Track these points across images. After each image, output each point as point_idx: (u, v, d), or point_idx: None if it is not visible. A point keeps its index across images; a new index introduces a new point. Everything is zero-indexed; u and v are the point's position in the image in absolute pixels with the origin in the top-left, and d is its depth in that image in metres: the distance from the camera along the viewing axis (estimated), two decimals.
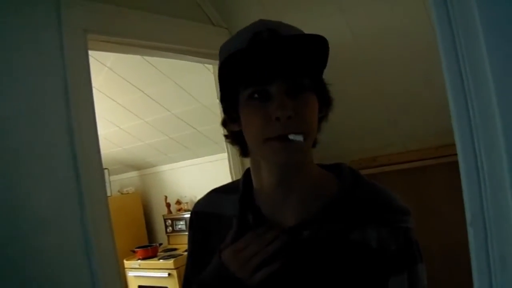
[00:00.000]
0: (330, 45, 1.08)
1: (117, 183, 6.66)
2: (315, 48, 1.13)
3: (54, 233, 1.86)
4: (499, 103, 0.65)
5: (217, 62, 2.86)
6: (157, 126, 5.05)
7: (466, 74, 0.70)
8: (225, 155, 3.16)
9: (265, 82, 1.12)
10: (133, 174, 6.77)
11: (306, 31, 1.13)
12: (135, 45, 2.52)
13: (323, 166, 1.40)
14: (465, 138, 0.71)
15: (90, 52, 2.23)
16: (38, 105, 1.92)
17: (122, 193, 6.54)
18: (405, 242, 1.24)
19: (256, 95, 1.13)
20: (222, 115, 1.28)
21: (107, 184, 6.07)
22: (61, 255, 1.87)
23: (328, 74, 1.29)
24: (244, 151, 1.29)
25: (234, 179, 3.06)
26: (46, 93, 1.95)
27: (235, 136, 1.26)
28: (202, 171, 5.67)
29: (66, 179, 1.95)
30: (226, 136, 1.30)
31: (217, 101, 3.10)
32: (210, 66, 3.25)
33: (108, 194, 6.03)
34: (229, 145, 2.77)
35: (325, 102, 1.26)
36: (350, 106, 3.21)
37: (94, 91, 2.20)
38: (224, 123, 1.28)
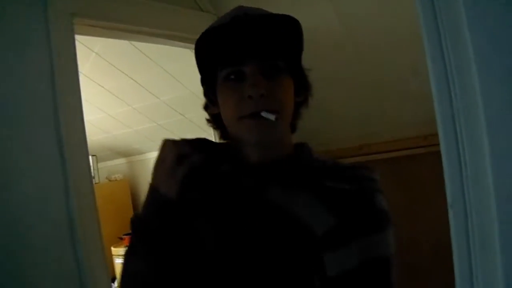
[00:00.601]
0: (317, 32, 1.09)
1: (105, 170, 6.65)
2: (290, 31, 1.17)
3: (39, 220, 1.85)
4: (481, 89, 0.65)
5: None
6: (145, 113, 5.04)
7: (450, 62, 0.70)
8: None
9: (240, 63, 1.14)
10: (121, 161, 6.75)
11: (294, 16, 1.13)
12: (122, 30, 2.50)
13: None
14: (446, 121, 0.71)
15: (78, 38, 2.21)
16: (23, 89, 1.90)
17: (110, 180, 6.53)
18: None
19: (232, 76, 1.15)
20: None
21: (95, 171, 6.07)
22: (46, 242, 1.86)
23: (315, 61, 1.30)
24: (224, 135, 1.30)
25: None
26: (31, 77, 1.93)
27: (215, 119, 1.28)
28: None
29: (52, 165, 1.94)
30: (208, 120, 1.32)
31: (203, 87, 3.11)
32: None
33: (96, 181, 6.04)
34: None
35: (303, 86, 1.29)
36: (337, 93, 3.22)
37: (82, 76, 2.18)
38: (206, 107, 1.30)
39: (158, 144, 1.42)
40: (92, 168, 5.79)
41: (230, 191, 1.20)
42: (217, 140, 1.34)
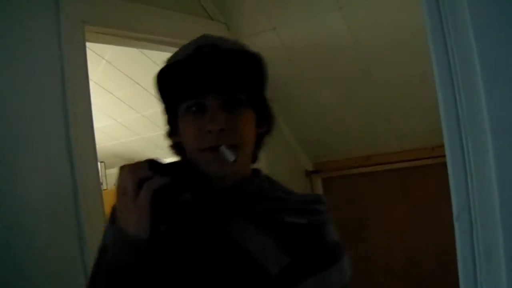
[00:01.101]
0: (326, 43, 1.08)
1: (113, 176, 6.64)
2: (251, 65, 1.18)
3: (47, 224, 1.86)
4: (486, 100, 0.66)
5: None
6: (155, 120, 5.04)
7: (456, 73, 0.71)
8: None
9: (201, 95, 1.15)
10: None
11: (305, 27, 1.15)
12: (133, 37, 2.52)
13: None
14: (453, 134, 0.72)
15: (89, 45, 2.24)
16: (34, 95, 1.92)
17: None
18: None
19: (193, 108, 1.17)
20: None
21: (103, 178, 6.07)
22: (54, 245, 1.87)
23: (325, 73, 1.31)
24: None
25: None
26: (42, 83, 1.95)
27: (177, 147, 1.29)
28: None
29: (61, 171, 1.95)
30: (170, 147, 1.33)
31: None
32: None
33: (104, 187, 6.04)
34: None
35: (265, 117, 1.28)
36: (347, 105, 3.22)
37: (92, 84, 2.20)
38: (168, 135, 1.31)
39: (167, 151, 1.43)
40: (100, 174, 5.81)
41: (194, 222, 1.19)
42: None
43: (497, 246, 0.65)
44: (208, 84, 1.15)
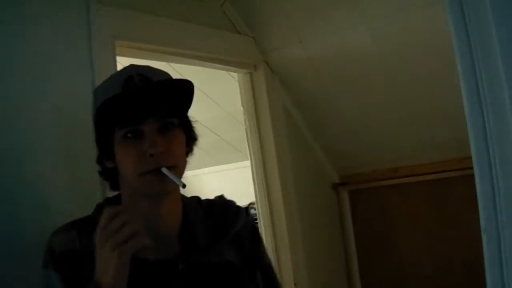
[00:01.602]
0: (354, 52, 1.15)
1: None
2: (182, 92, 1.33)
3: None
4: None
5: (243, 70, 2.88)
6: None
7: (483, 88, 0.72)
8: (248, 162, 3.17)
9: (138, 123, 1.27)
10: None
11: (330, 41, 1.23)
12: (162, 52, 2.55)
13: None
14: (480, 148, 0.73)
15: (119, 58, 2.27)
16: (67, 108, 1.95)
17: None
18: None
19: (129, 134, 1.28)
20: (97, 152, 1.42)
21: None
22: None
23: (351, 85, 1.34)
24: (114, 186, 1.43)
25: (257, 186, 3.08)
26: (75, 96, 1.98)
27: (109, 172, 1.39)
28: (225, 177, 5.67)
29: (92, 184, 1.98)
30: (100, 173, 1.43)
31: (241, 108, 3.14)
32: (234, 74, 3.28)
33: None
34: (253, 152, 2.78)
35: (191, 138, 1.44)
36: (373, 117, 3.22)
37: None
38: (99, 161, 1.41)
39: (193, 163, 1.52)
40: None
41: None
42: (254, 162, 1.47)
43: None
44: (146, 111, 1.27)
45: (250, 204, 3.76)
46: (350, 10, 2.71)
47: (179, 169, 1.32)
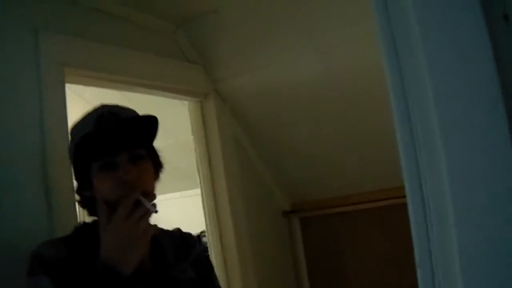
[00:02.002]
0: (305, 82, 1.24)
1: None
2: (149, 126, 1.55)
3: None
4: (445, 150, 0.69)
5: (193, 99, 2.89)
6: None
7: (415, 122, 0.75)
8: (198, 190, 3.16)
9: (112, 155, 1.46)
10: None
11: (281, 70, 1.34)
12: (111, 80, 2.54)
13: None
14: (413, 181, 0.75)
15: (68, 85, 2.25)
16: (14, 136, 1.92)
17: None
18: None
19: (105, 165, 1.46)
20: (76, 183, 1.63)
21: (81, 217, 6.00)
22: None
23: (302, 114, 1.38)
24: (92, 212, 1.60)
25: (207, 215, 3.07)
26: (22, 124, 1.96)
27: (87, 200, 1.59)
28: (176, 205, 5.64)
29: (38, 213, 1.95)
30: (78, 202, 1.63)
31: (192, 137, 3.13)
32: (186, 102, 3.28)
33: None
34: (203, 180, 2.81)
35: (158, 165, 1.66)
36: (324, 144, 3.26)
37: (71, 123, 2.21)
38: (78, 191, 1.61)
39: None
40: (78, 214, 5.74)
41: None
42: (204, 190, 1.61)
43: None
44: (118, 145, 1.46)
45: (201, 232, 3.75)
46: (302, 39, 2.75)
47: (151, 196, 1.50)
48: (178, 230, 1.86)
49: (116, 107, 1.56)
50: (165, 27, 2.93)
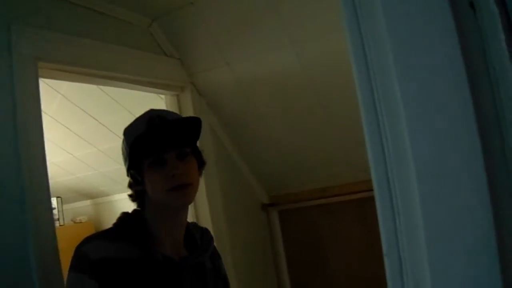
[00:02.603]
0: (281, 75, 1.31)
1: (70, 211, 6.55)
2: (193, 127, 1.72)
3: None
4: (411, 140, 0.69)
5: (169, 92, 2.88)
6: (111, 155, 5.00)
7: (382, 113, 0.75)
8: None
9: (161, 152, 1.64)
10: (86, 203, 6.66)
11: (258, 63, 1.45)
12: (87, 74, 2.51)
13: None
14: (380, 172, 0.76)
15: (45, 79, 2.23)
16: None
17: (75, 222, 6.43)
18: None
19: (155, 161, 1.65)
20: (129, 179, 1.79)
21: (60, 213, 5.97)
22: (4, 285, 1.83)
23: (279, 106, 1.40)
24: (141, 204, 1.79)
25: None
26: None
27: (138, 194, 1.77)
28: None
29: (12, 208, 1.92)
30: (130, 195, 1.81)
31: None
32: (162, 96, 3.27)
33: (61, 223, 5.94)
34: None
35: (201, 163, 1.82)
36: (301, 137, 3.26)
37: (47, 118, 2.20)
38: (130, 186, 1.79)
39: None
40: (56, 210, 5.71)
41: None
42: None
43: (425, 283, 0.68)
44: (167, 144, 1.65)
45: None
46: (277, 32, 2.75)
47: (194, 187, 1.71)
48: (194, 223, 2.07)
49: (164, 111, 1.80)
50: (140, 20, 2.91)
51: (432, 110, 0.69)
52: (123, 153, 1.79)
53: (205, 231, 2.00)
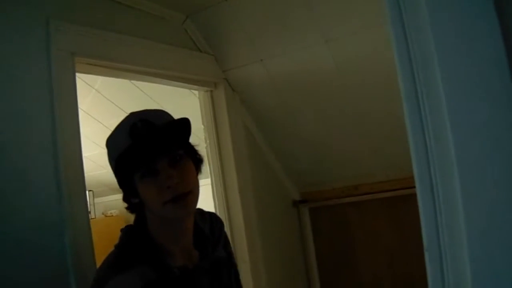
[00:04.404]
0: (314, 72, 1.23)
1: (101, 205, 6.62)
2: (183, 128, 1.57)
3: (35, 255, 1.85)
4: (454, 136, 0.69)
5: (203, 88, 2.89)
6: None
7: (425, 111, 0.75)
8: (209, 180, 3.17)
9: (151, 162, 1.50)
10: (117, 196, 6.70)
11: (291, 60, 1.34)
12: (122, 69, 2.54)
13: None
14: (422, 168, 0.76)
15: (79, 75, 2.26)
16: (25, 126, 1.93)
17: (106, 216, 6.51)
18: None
19: (147, 173, 1.51)
20: (122, 193, 1.65)
21: (91, 206, 6.05)
22: (42, 279, 1.86)
23: (311, 103, 1.37)
24: (139, 217, 1.67)
25: (217, 204, 3.08)
26: (32, 113, 1.97)
27: (135, 206, 1.64)
28: None
29: (49, 200, 1.96)
30: (127, 208, 1.67)
31: (202, 126, 3.14)
32: (196, 92, 3.29)
33: (92, 216, 6.01)
34: (213, 170, 2.86)
35: (198, 160, 1.68)
36: (333, 134, 3.25)
37: (81, 113, 2.22)
38: (125, 199, 1.64)
39: None
40: (88, 203, 5.78)
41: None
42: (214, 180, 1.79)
43: (466, 278, 0.68)
44: (156, 152, 1.51)
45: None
46: (311, 29, 2.74)
47: (194, 194, 1.58)
48: (201, 210, 1.90)
49: (146, 113, 1.60)
50: (175, 16, 2.93)
51: (475, 107, 0.69)
52: (110, 166, 1.64)
53: (213, 218, 1.91)
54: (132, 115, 1.58)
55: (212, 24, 2.99)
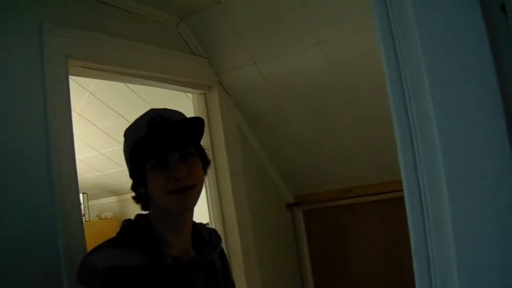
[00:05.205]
0: (308, 74, 1.26)
1: (95, 208, 6.62)
2: (196, 127, 1.68)
3: (27, 258, 1.85)
4: (441, 141, 0.70)
5: (197, 91, 2.89)
6: None
7: (413, 117, 0.75)
8: None
9: (164, 154, 1.60)
10: (112, 199, 6.73)
11: (285, 62, 1.36)
12: (115, 72, 2.54)
13: None
14: (409, 172, 0.76)
15: (73, 77, 2.26)
16: (18, 128, 1.93)
17: (100, 218, 6.51)
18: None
19: (158, 164, 1.60)
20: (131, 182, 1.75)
21: (86, 209, 6.05)
22: (34, 280, 1.86)
23: (305, 106, 1.39)
24: (145, 207, 1.77)
25: (210, 206, 3.08)
26: (25, 116, 1.97)
27: (141, 196, 1.74)
28: None
29: (42, 202, 1.95)
30: (133, 197, 1.78)
31: None
32: (189, 94, 3.29)
33: (87, 218, 6.01)
34: (207, 174, 2.87)
35: (206, 162, 1.78)
36: (327, 137, 3.26)
37: (75, 115, 2.22)
38: (133, 188, 1.75)
39: None
40: (82, 206, 5.79)
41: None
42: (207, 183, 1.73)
43: (453, 283, 0.69)
44: (168, 145, 1.60)
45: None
46: (304, 31, 2.75)
47: (198, 187, 1.67)
48: (201, 224, 1.99)
49: (165, 111, 1.69)
50: (168, 19, 2.94)
51: (463, 112, 0.70)
52: (125, 156, 1.75)
53: (212, 231, 1.98)
54: (152, 110, 1.69)
55: (206, 27, 2.99)
